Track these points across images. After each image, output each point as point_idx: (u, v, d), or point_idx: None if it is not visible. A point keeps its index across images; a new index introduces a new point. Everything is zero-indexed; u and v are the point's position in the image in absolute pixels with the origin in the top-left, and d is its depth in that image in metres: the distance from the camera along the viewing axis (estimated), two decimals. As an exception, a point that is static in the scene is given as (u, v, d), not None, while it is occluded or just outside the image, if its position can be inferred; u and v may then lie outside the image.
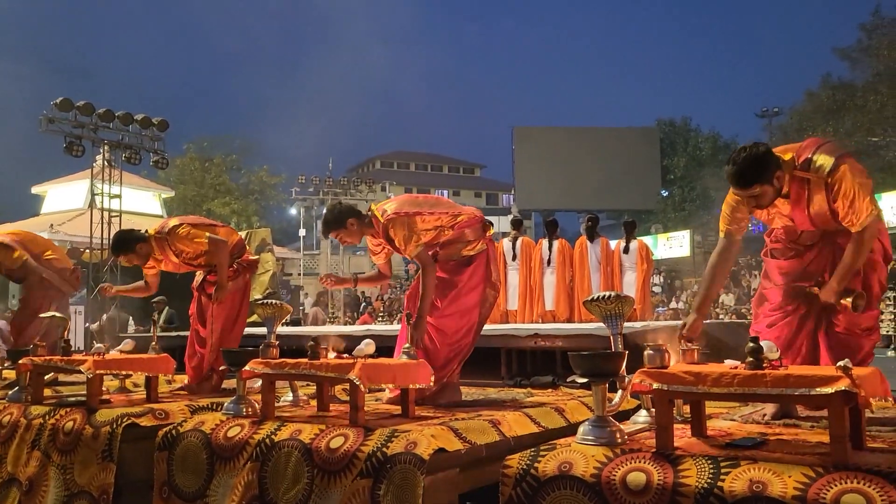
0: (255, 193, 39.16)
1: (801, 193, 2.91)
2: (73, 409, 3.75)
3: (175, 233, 4.57)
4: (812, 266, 3.07)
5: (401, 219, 3.72)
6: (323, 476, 2.73)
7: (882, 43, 29.09)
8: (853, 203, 2.79)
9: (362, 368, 3.00)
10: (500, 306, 8.76)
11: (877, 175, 28.22)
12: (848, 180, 2.79)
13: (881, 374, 2.31)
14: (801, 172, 2.87)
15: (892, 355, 9.34)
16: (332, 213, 3.85)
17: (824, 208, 2.88)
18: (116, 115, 13.58)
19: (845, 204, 2.80)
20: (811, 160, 2.85)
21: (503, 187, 53.11)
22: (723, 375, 2.25)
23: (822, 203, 2.87)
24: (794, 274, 3.11)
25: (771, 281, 3.22)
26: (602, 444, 2.40)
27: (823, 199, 2.86)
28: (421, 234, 3.74)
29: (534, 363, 4.97)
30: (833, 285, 2.90)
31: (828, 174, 2.81)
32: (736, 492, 2.01)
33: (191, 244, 4.59)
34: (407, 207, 3.78)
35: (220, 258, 4.59)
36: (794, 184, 2.91)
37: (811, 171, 2.85)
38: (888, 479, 1.90)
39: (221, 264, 4.59)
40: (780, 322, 3.10)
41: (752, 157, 2.80)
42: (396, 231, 3.72)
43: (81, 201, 19.93)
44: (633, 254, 8.85)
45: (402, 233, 3.70)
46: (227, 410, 3.39)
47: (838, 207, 2.83)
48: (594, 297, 2.71)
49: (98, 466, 3.41)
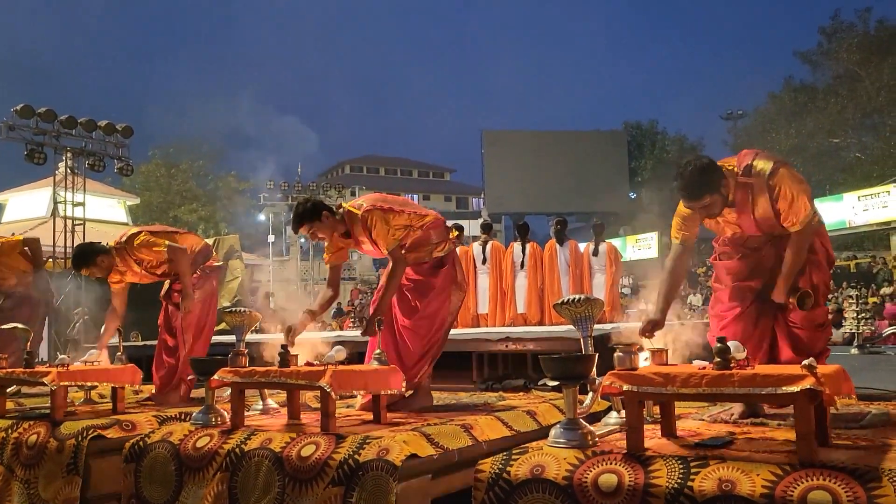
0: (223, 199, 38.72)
1: (746, 199, 3.04)
2: (37, 421, 3.68)
3: (132, 242, 4.52)
4: (757, 266, 3.20)
5: (377, 211, 3.73)
6: (294, 485, 2.71)
7: (841, 46, 29.75)
8: (793, 203, 2.94)
9: (333, 375, 2.98)
10: (471, 310, 8.77)
11: (838, 175, 28.87)
12: (787, 181, 2.94)
13: (845, 372, 2.35)
14: (744, 178, 3.00)
15: (855, 353, 9.51)
16: (304, 206, 3.79)
17: (768, 211, 3.01)
18: (79, 122, 13.34)
19: (785, 204, 2.95)
20: (752, 165, 3.00)
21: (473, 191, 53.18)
22: (691, 376, 2.27)
23: (766, 206, 3.01)
24: (741, 274, 3.24)
25: (721, 283, 3.35)
26: (573, 447, 2.41)
27: (766, 202, 3.00)
28: (396, 231, 3.75)
29: (505, 366, 4.99)
30: (780, 285, 3.03)
31: (768, 176, 2.95)
32: (706, 491, 2.03)
33: (150, 252, 4.54)
34: (381, 203, 3.82)
35: (180, 267, 4.53)
36: (738, 191, 3.04)
37: (753, 176, 2.99)
38: (853, 475, 1.94)
39: (183, 272, 4.53)
40: (733, 319, 3.20)
41: (698, 169, 2.93)
42: (375, 223, 3.71)
43: (44, 210, 19.56)
44: (602, 256, 8.92)
45: (381, 225, 3.71)
46: (196, 420, 3.34)
47: (780, 208, 2.97)
48: (564, 300, 2.73)
49: (63, 480, 3.34)
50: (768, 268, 3.14)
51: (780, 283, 3.02)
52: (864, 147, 29.85)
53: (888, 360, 8.45)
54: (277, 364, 3.29)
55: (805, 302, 2.95)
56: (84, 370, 4.04)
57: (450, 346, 4.00)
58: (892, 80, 27.51)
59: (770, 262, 3.14)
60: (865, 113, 29.69)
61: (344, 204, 3.89)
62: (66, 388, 3.87)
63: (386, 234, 3.71)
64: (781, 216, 2.98)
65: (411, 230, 3.83)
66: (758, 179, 2.97)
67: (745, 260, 3.23)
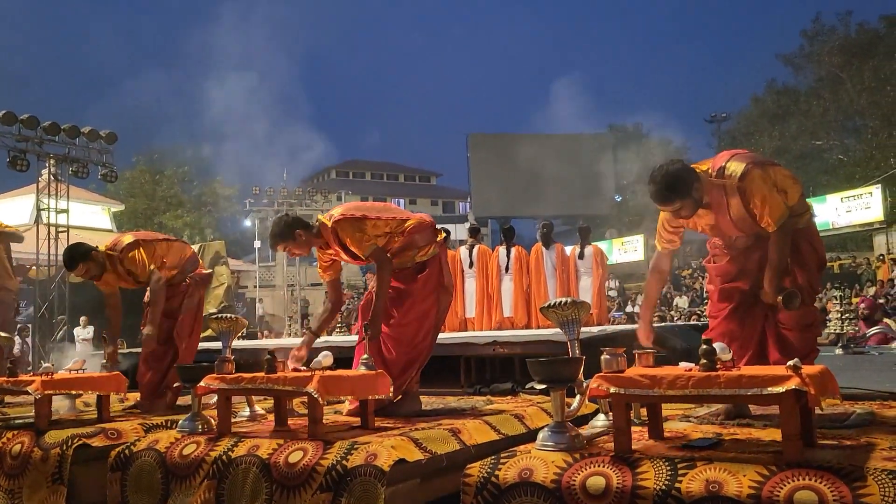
0: (209, 205, 38.53)
1: (721, 201, 3.09)
2: (21, 431, 3.64)
3: (127, 256, 4.50)
4: (744, 267, 3.23)
5: (348, 220, 3.74)
6: (282, 491, 2.69)
7: (823, 50, 30.02)
8: (765, 203, 2.97)
9: (320, 381, 2.97)
10: (458, 314, 8.77)
11: (821, 177, 29.09)
12: (757, 183, 2.98)
13: (830, 372, 2.37)
14: (717, 180, 3.05)
15: (839, 353, 9.58)
16: (278, 225, 3.81)
17: (743, 212, 3.05)
18: (62, 128, 13.22)
19: (757, 204, 2.98)
20: (724, 167, 3.04)
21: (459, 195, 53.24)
22: (678, 378, 2.28)
23: (739, 207, 3.05)
24: (729, 275, 3.29)
25: (712, 284, 3.41)
26: (561, 450, 2.42)
27: (739, 204, 3.04)
28: (376, 238, 3.74)
29: (493, 370, 4.99)
30: (765, 286, 3.05)
31: (739, 179, 2.99)
32: (693, 492, 2.04)
33: (138, 268, 4.53)
34: (353, 211, 3.82)
35: (155, 296, 4.51)
36: (712, 192, 3.08)
37: (725, 178, 3.03)
38: (838, 474, 1.95)
39: (155, 302, 4.51)
40: (721, 320, 3.25)
41: (669, 174, 2.98)
42: (346, 232, 3.72)
43: (27, 217, 19.35)
44: (589, 259, 8.95)
45: (352, 233, 3.71)
46: (182, 428, 3.32)
47: (754, 209, 3.00)
48: (551, 303, 2.74)
49: (48, 490, 3.31)
50: (755, 269, 3.16)
51: (766, 285, 3.05)
52: (846, 149, 30.12)
53: (872, 361, 8.52)
54: (264, 370, 3.28)
55: (792, 302, 2.96)
56: (69, 378, 4.00)
57: (437, 350, 3.99)
58: (873, 82, 27.79)
59: (757, 263, 3.16)
60: (847, 115, 29.99)
61: (320, 216, 3.90)
62: (51, 396, 3.83)
63: (360, 241, 3.71)
64: (757, 216, 3.02)
65: (393, 236, 3.81)
66: (729, 181, 3.02)
67: (733, 261, 3.27)
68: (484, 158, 37.70)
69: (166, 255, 4.62)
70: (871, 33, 29.33)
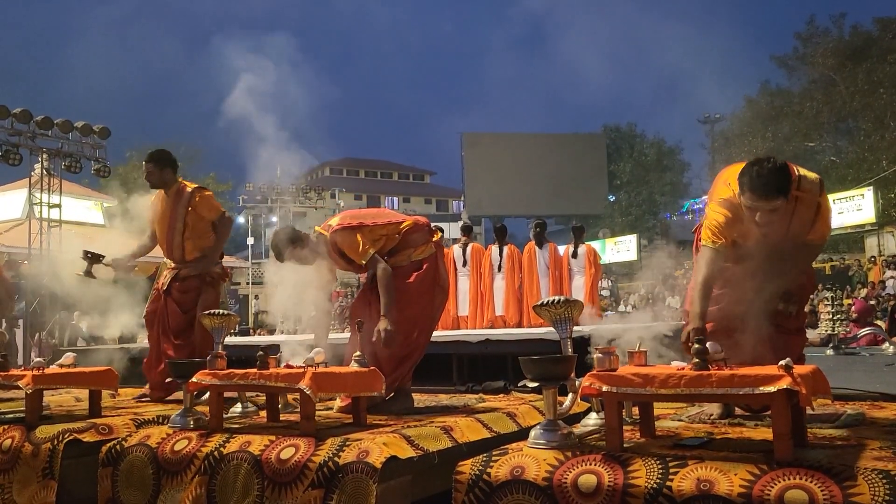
0: (202, 201, 38.31)
1: (788, 209, 2.89)
2: (12, 426, 3.62)
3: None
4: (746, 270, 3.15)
5: (345, 230, 3.78)
6: (273, 488, 2.69)
7: (817, 51, 30.12)
8: (826, 217, 2.95)
9: (313, 377, 2.96)
10: (451, 312, 8.78)
11: (813, 179, 29.16)
12: (826, 198, 2.95)
13: (822, 372, 2.38)
14: (797, 191, 2.87)
15: (830, 354, 9.62)
16: (274, 247, 3.86)
17: (806, 224, 2.96)
18: (55, 123, 13.16)
19: (824, 218, 2.95)
20: (803, 177, 2.88)
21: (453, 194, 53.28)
22: (670, 377, 2.29)
23: (805, 218, 2.93)
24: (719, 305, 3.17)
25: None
26: (553, 448, 2.42)
27: (809, 215, 2.93)
28: (369, 244, 3.76)
29: (485, 368, 4.99)
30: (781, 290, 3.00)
31: (819, 191, 2.92)
32: (684, 491, 2.04)
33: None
34: (349, 220, 3.86)
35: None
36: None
37: (803, 189, 2.88)
38: (829, 474, 1.96)
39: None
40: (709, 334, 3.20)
41: (778, 168, 2.74)
42: (344, 241, 3.77)
43: (19, 211, 19.30)
44: (581, 258, 8.97)
45: (350, 241, 3.75)
46: (174, 423, 3.31)
47: (818, 220, 2.95)
48: (544, 301, 2.74)
49: (38, 485, 3.29)
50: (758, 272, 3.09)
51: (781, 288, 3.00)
52: (839, 151, 30.24)
53: (863, 361, 8.57)
54: (256, 366, 3.27)
55: (790, 308, 2.97)
56: (60, 373, 3.98)
57: (430, 348, 4.00)
58: (866, 84, 27.89)
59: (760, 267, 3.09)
60: (840, 117, 30.10)
61: (316, 228, 3.93)
62: (42, 391, 3.81)
63: (357, 249, 3.74)
64: (813, 229, 2.96)
65: (388, 238, 3.85)
66: (809, 194, 2.88)
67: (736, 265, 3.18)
68: (478, 157, 37.76)
69: None
70: (864, 35, 29.45)
